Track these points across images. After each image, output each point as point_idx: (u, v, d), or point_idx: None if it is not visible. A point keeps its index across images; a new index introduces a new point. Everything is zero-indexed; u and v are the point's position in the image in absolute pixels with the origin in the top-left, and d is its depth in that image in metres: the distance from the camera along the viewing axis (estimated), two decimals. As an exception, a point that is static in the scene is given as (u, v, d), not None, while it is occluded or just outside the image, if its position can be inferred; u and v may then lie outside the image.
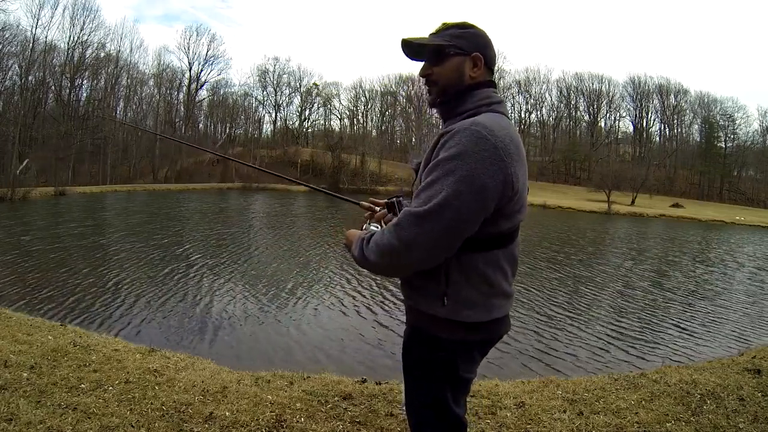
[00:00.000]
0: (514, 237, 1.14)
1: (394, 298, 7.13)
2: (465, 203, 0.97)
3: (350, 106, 58.21)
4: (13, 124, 28.70)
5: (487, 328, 1.13)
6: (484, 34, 1.18)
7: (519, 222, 1.13)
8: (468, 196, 0.97)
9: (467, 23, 1.18)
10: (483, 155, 0.98)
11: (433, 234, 0.98)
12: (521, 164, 1.07)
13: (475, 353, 1.17)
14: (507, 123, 1.10)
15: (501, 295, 1.13)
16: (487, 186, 0.98)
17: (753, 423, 2.23)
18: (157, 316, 5.81)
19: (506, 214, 1.06)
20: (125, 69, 41.83)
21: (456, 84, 1.14)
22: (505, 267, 1.13)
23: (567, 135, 55.74)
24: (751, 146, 50.39)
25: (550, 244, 14.53)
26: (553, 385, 2.73)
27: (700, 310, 7.56)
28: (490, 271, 1.09)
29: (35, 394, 2.15)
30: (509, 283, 1.16)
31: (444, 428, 1.18)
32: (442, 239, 0.99)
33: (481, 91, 1.14)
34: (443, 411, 1.16)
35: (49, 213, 16.21)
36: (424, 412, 1.19)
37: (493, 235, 1.07)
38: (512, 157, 1.02)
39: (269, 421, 2.08)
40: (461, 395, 1.20)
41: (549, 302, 7.43)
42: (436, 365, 1.14)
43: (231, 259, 9.56)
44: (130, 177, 38.38)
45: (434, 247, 1.00)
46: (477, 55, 1.13)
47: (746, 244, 18.97)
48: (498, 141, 1.00)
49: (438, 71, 1.16)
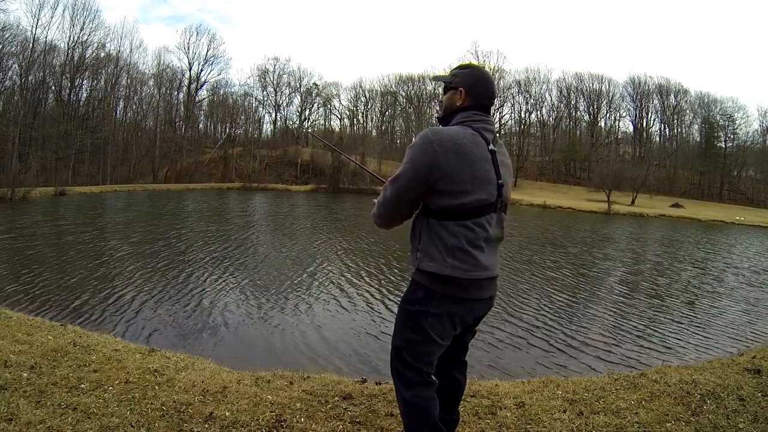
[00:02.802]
0: (469, 216, 1.49)
1: (395, 298, 7.14)
2: (408, 176, 1.49)
3: (350, 106, 58.29)
4: (13, 124, 28.72)
5: (447, 284, 1.48)
6: (475, 74, 1.62)
7: (469, 204, 1.48)
8: (409, 173, 1.48)
9: (469, 65, 1.66)
10: (423, 147, 1.47)
11: (392, 193, 1.54)
12: (460, 158, 1.45)
13: (443, 315, 1.51)
14: (461, 130, 1.51)
15: (456, 258, 1.47)
16: (420, 167, 1.46)
17: (753, 423, 2.23)
18: (157, 316, 5.81)
19: (445, 193, 1.47)
20: (125, 69, 41.83)
21: (450, 107, 1.63)
22: (458, 235, 1.48)
23: (567, 135, 55.70)
24: (751, 146, 50.33)
25: (549, 244, 14.53)
26: (553, 385, 2.73)
27: (701, 310, 7.56)
28: (445, 235, 1.49)
29: (35, 394, 2.15)
30: (467, 252, 1.48)
31: (403, 375, 1.57)
32: (396, 197, 1.54)
33: (463, 112, 1.58)
34: (402, 358, 1.56)
35: (49, 213, 16.20)
36: (395, 348, 1.60)
37: (443, 208, 1.49)
38: (446, 152, 1.45)
39: (269, 421, 2.08)
40: (420, 351, 1.54)
41: (549, 302, 7.43)
42: (408, 314, 1.56)
43: (231, 258, 9.56)
44: (130, 177, 38.38)
45: (392, 201, 1.55)
46: (461, 89, 1.60)
47: (746, 243, 18.97)
48: (437, 139, 1.46)
49: (444, 98, 1.66)
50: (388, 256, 10.60)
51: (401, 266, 9.35)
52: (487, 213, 1.51)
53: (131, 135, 43.23)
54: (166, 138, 44.56)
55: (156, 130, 43.86)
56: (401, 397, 1.60)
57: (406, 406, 1.59)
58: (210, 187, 34.71)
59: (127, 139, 42.59)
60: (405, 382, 1.57)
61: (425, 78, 52.43)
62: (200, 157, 46.21)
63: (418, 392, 1.55)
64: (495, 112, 50.29)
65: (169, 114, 46.87)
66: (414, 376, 1.55)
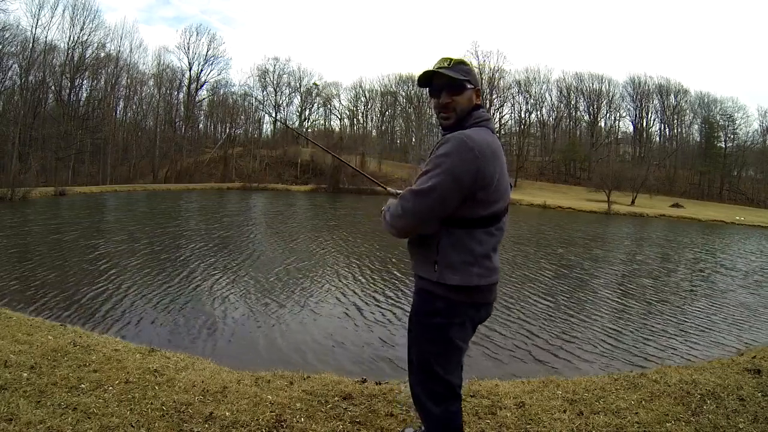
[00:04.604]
0: (493, 222, 1.45)
1: (395, 298, 7.14)
2: (446, 188, 1.34)
3: (350, 106, 58.28)
4: (13, 124, 28.71)
5: (470, 292, 1.43)
6: (472, 69, 1.55)
7: (498, 210, 1.45)
8: (448, 184, 1.34)
9: (459, 60, 1.52)
10: (462, 156, 1.34)
11: (422, 206, 1.37)
12: (496, 165, 1.40)
13: (466, 321, 1.46)
14: (487, 134, 1.44)
15: (481, 266, 1.43)
16: (462, 177, 1.34)
17: (753, 423, 2.23)
18: (158, 316, 5.80)
19: (481, 202, 1.40)
20: (125, 69, 41.83)
21: (467, 109, 1.50)
22: (484, 242, 1.43)
23: (567, 135, 55.70)
24: (751, 146, 50.33)
25: (549, 245, 14.53)
26: (553, 385, 2.73)
27: (701, 310, 7.55)
28: (473, 244, 1.42)
29: (35, 394, 2.15)
30: (489, 258, 1.45)
31: (433, 389, 1.48)
32: (427, 211, 1.37)
33: (476, 112, 1.50)
34: (432, 372, 1.47)
35: (49, 213, 16.20)
36: (421, 364, 1.50)
37: (473, 217, 1.41)
38: (486, 159, 1.36)
39: (269, 421, 2.08)
40: (451, 361, 1.48)
41: (549, 302, 7.43)
42: (432, 328, 1.46)
43: (231, 258, 9.56)
44: (130, 177, 38.37)
45: (421, 215, 1.38)
46: (479, 89, 1.54)
47: (746, 243, 18.97)
48: (475, 146, 1.35)
49: (458, 100, 1.49)
50: (389, 256, 10.59)
51: (402, 266, 9.35)
52: (504, 216, 1.51)
53: (131, 135, 43.21)
54: (166, 138, 44.55)
55: (156, 130, 43.83)
56: (430, 414, 1.50)
57: (435, 423, 1.50)
58: (210, 187, 34.68)
59: (127, 139, 42.58)
60: (434, 397, 1.48)
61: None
62: (200, 157, 46.19)
63: (447, 407, 1.48)
64: (495, 112, 50.37)
65: (169, 114, 46.85)
66: (444, 390, 1.48)
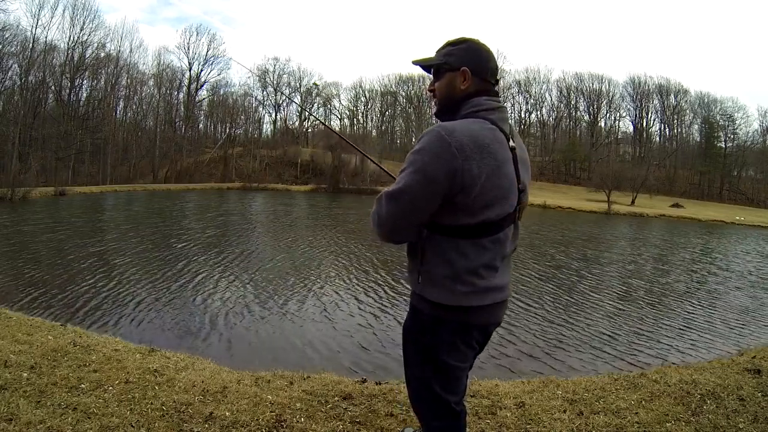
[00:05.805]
0: (485, 233, 1.19)
1: (395, 299, 7.14)
2: (417, 189, 1.13)
3: (350, 106, 58.29)
4: (13, 124, 28.73)
5: (456, 312, 1.21)
6: (474, 48, 1.27)
7: (490, 219, 1.18)
8: (419, 184, 1.13)
9: (462, 39, 1.29)
10: (436, 151, 1.11)
11: (394, 210, 1.17)
12: (483, 164, 1.14)
13: (457, 342, 1.26)
14: (480, 126, 1.18)
15: (465, 283, 1.19)
16: (436, 177, 1.12)
17: (753, 423, 2.23)
18: (158, 316, 5.80)
19: (463, 208, 1.16)
20: (125, 69, 41.89)
21: (449, 96, 1.27)
22: (471, 256, 1.19)
23: (567, 135, 55.73)
24: (751, 146, 50.37)
25: (549, 245, 14.53)
26: (553, 385, 2.73)
27: (701, 309, 7.55)
28: (455, 257, 1.19)
29: (35, 394, 2.15)
30: (478, 275, 1.20)
31: (432, 407, 1.34)
32: (399, 216, 1.18)
33: (472, 100, 1.24)
34: (430, 391, 1.30)
35: (49, 213, 16.20)
36: (416, 388, 1.37)
37: (455, 225, 1.18)
38: (467, 156, 1.12)
39: (269, 421, 2.08)
40: (448, 380, 1.30)
41: (549, 302, 7.43)
42: (421, 348, 1.29)
43: (231, 258, 9.55)
44: (130, 177, 38.39)
45: (394, 221, 1.19)
46: (464, 69, 1.25)
47: (746, 244, 18.97)
48: (454, 140, 1.11)
49: (438, 86, 1.30)
50: (389, 255, 10.59)
51: (401, 266, 9.35)
52: (506, 226, 1.23)
53: (131, 135, 43.22)
54: (166, 138, 44.57)
55: (156, 130, 43.86)
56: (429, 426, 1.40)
57: None
58: (210, 187, 34.69)
59: (127, 139, 42.59)
60: (434, 412, 1.35)
61: (425, 78, 52.19)
62: (200, 157, 46.23)
63: (449, 423, 1.35)
64: (495, 112, 50.24)
65: (169, 114, 46.89)
66: (444, 409, 1.33)
